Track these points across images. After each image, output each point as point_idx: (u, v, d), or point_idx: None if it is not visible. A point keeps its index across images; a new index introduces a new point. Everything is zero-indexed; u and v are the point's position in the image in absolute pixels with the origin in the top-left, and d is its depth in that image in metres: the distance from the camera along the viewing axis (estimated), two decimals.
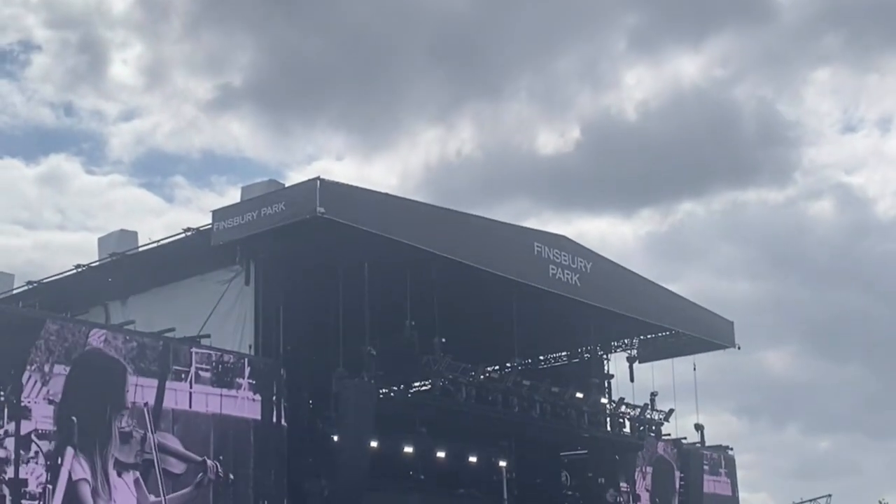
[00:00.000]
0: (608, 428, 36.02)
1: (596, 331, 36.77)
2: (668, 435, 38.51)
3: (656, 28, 77.17)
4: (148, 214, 77.63)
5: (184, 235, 27.58)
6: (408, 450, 32.40)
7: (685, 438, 39.50)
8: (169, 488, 22.36)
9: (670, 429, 38.34)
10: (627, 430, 36.68)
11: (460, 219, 30.21)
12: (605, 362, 39.94)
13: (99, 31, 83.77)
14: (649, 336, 39.10)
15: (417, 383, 36.00)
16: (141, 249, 29.16)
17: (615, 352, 40.06)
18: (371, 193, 27.71)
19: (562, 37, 75.95)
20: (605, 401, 37.01)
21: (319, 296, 28.15)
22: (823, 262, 79.45)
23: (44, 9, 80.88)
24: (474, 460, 35.82)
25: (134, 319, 26.38)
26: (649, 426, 37.17)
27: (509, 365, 35.41)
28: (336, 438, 26.79)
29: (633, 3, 75.07)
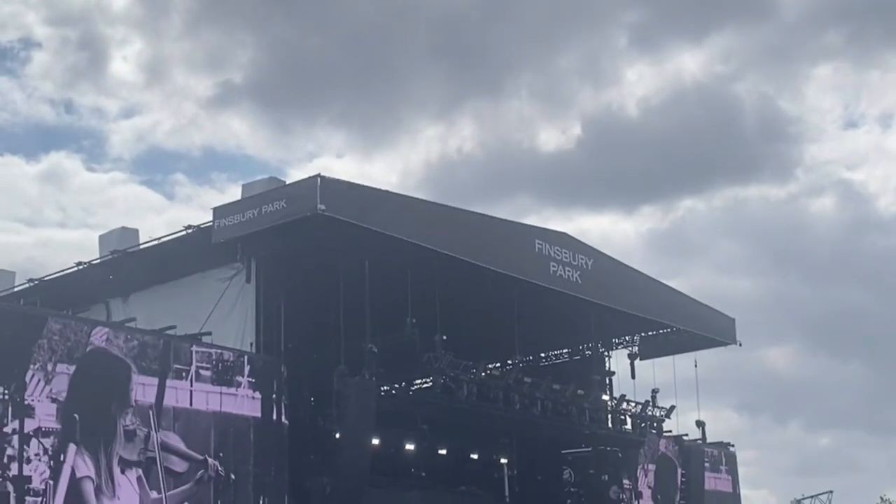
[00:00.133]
0: (609, 425, 36.00)
1: (597, 328, 36.73)
2: (670, 432, 38.49)
3: (657, 24, 77.32)
4: (149, 212, 77.88)
5: (185, 233, 27.53)
6: (409, 447, 32.41)
7: (686, 435, 39.48)
8: (170, 485, 22.54)
9: (671, 426, 38.37)
10: (629, 427, 36.66)
11: (461, 216, 30.18)
12: (607, 359, 39.92)
13: (99, 28, 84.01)
14: (650, 333, 39.08)
15: (418, 381, 36.05)
16: (142, 247, 29.13)
17: (616, 349, 40.05)
18: (372, 191, 27.70)
19: (563, 34, 76.08)
20: (606, 398, 37.00)
21: (320, 293, 28.14)
22: (825, 259, 79.58)
23: (44, 6, 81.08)
24: (475, 457, 35.86)
25: (135, 317, 26.45)
26: (651, 423, 37.16)
27: (510, 362, 35.43)
28: (337, 436, 26.79)
29: None
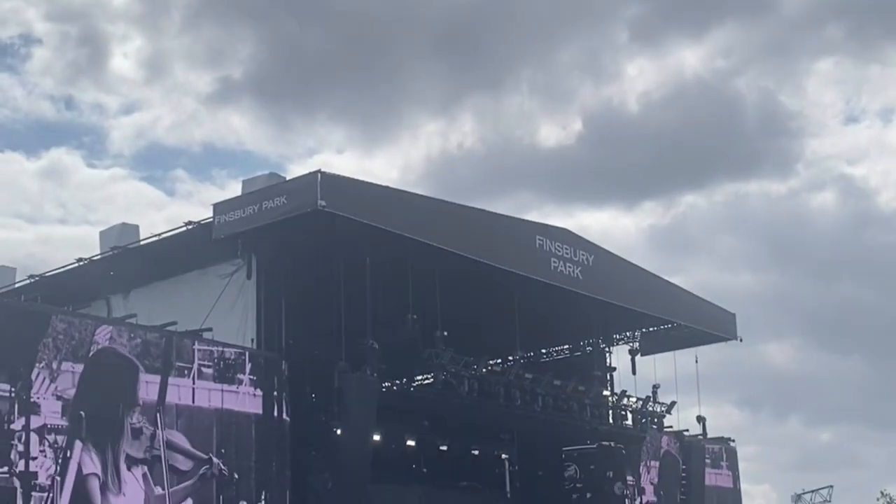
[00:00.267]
0: (610, 421, 36.00)
1: (598, 323, 36.72)
2: (671, 427, 38.51)
3: (658, 19, 77.28)
4: (149, 208, 77.92)
5: (185, 229, 27.48)
6: (410, 443, 32.43)
7: (687, 431, 39.48)
8: (174, 481, 22.80)
9: (672, 421, 38.39)
10: (630, 422, 36.67)
11: (462, 212, 30.13)
12: (608, 355, 39.87)
13: (99, 24, 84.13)
14: (651, 329, 39.03)
15: (420, 377, 36.03)
16: (142, 243, 29.08)
17: (617, 344, 39.98)
18: (372, 187, 27.66)
19: (563, 28, 76.00)
20: (607, 393, 36.99)
21: (321, 289, 28.12)
22: (825, 254, 79.58)
23: (44, 2, 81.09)
24: (477, 453, 35.87)
25: (136, 313, 26.39)
26: (651, 419, 37.16)
27: (511, 358, 35.36)
28: (338, 432, 26.80)
29: None
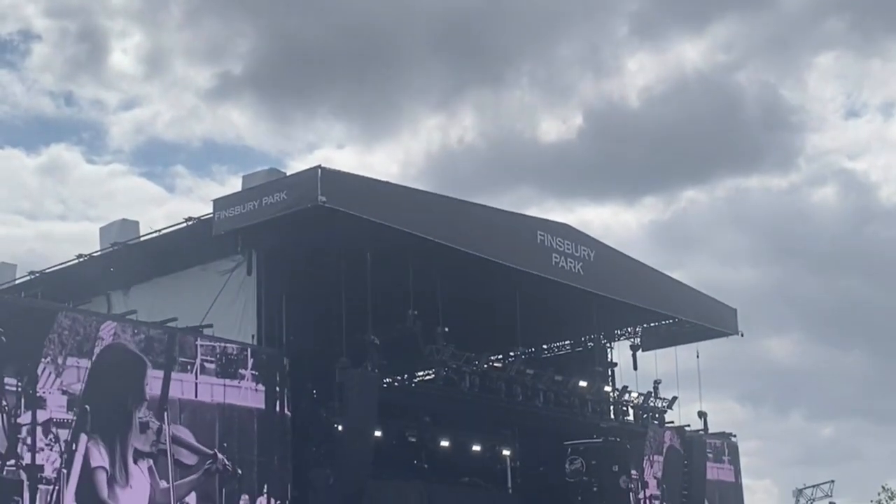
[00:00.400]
0: (612, 416, 35.97)
1: (599, 319, 36.64)
2: (672, 422, 38.47)
3: (658, 13, 76.97)
4: (149, 204, 77.71)
5: (185, 225, 27.46)
6: (411, 439, 32.39)
7: (689, 426, 39.44)
8: (178, 475, 23.10)
9: (674, 416, 38.26)
10: (631, 418, 36.64)
11: (462, 207, 30.08)
12: (609, 350, 39.79)
13: (98, 19, 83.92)
14: (652, 324, 38.96)
15: (421, 372, 35.98)
16: (142, 239, 29.05)
17: (618, 340, 39.93)
18: (372, 182, 27.60)
19: (563, 23, 75.70)
20: (608, 389, 36.96)
21: (322, 285, 28.09)
22: (827, 249, 79.31)
23: None
24: (478, 449, 35.84)
25: (136, 309, 26.38)
26: (653, 414, 37.13)
27: (512, 354, 35.31)
28: (339, 427, 26.78)
29: None
